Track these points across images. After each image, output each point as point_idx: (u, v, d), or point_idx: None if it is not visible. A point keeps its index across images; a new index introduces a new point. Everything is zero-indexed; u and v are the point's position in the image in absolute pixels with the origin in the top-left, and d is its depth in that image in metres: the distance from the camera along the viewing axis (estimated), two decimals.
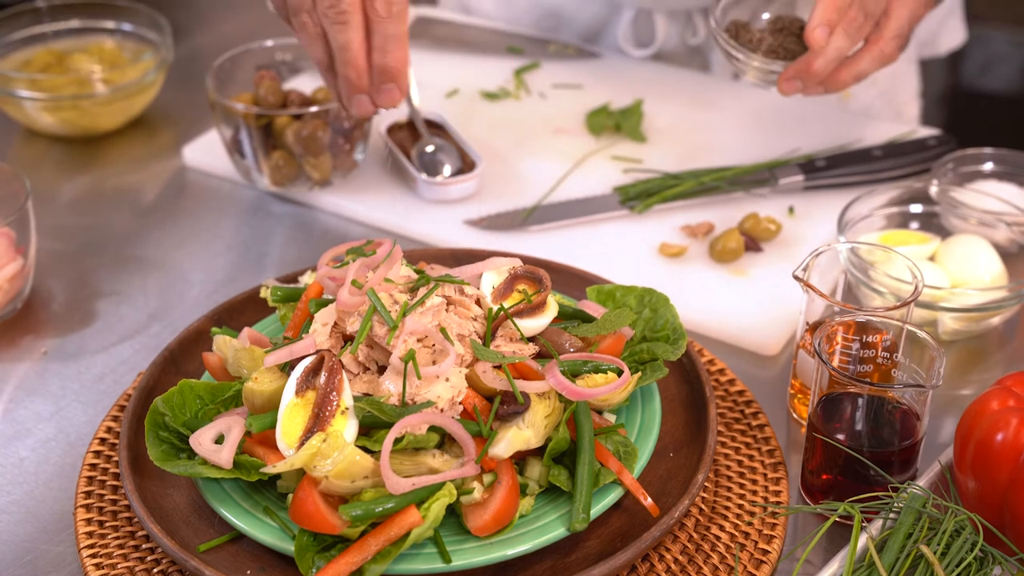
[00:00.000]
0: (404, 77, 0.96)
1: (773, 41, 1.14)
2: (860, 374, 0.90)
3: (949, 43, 1.58)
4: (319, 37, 0.95)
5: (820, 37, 1.07)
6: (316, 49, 0.96)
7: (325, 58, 0.96)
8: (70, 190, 1.28)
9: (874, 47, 1.10)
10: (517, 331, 0.88)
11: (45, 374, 1.03)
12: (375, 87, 0.96)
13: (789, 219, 1.19)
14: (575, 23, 1.53)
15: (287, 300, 0.96)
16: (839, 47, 1.09)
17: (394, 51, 0.95)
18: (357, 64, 0.95)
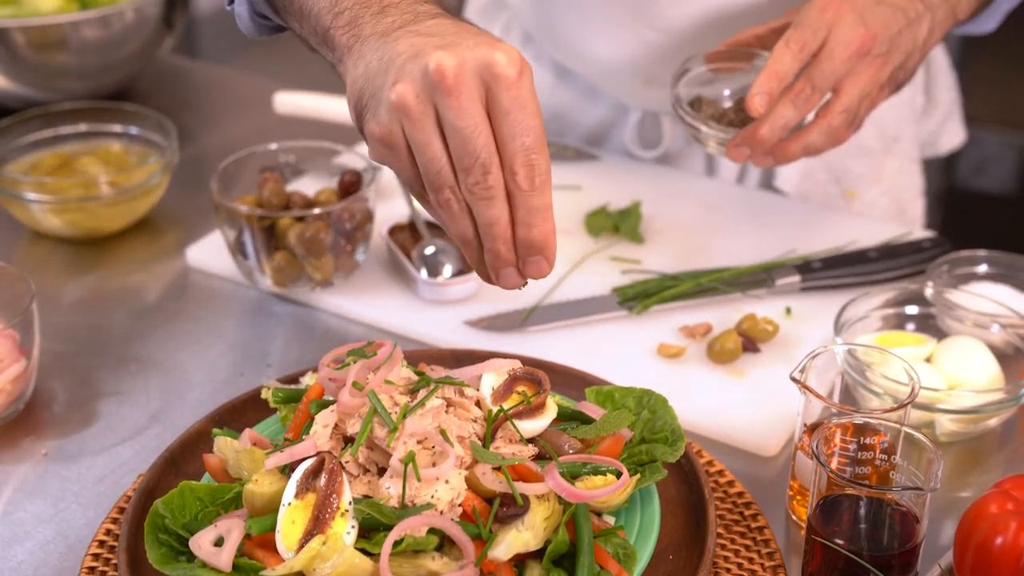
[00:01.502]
0: (551, 248, 0.89)
1: (735, 117, 1.17)
2: (858, 476, 0.90)
3: (949, 144, 1.61)
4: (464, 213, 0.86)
5: (759, 104, 1.09)
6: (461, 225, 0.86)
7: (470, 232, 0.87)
8: (74, 291, 1.29)
9: (822, 120, 1.12)
10: (516, 433, 0.89)
11: (45, 475, 1.03)
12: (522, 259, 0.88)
13: (786, 320, 1.20)
14: (580, 125, 1.55)
15: (288, 401, 0.96)
16: (785, 115, 1.10)
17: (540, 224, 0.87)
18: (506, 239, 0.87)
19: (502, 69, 0.81)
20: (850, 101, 1.12)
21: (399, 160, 0.86)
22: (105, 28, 1.53)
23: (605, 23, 1.39)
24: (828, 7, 1.11)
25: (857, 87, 1.12)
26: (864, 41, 1.11)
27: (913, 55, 1.17)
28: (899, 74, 1.17)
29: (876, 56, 1.13)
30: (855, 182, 1.49)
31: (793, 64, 1.10)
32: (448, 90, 0.81)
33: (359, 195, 1.22)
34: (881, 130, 1.49)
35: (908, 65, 1.17)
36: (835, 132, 1.13)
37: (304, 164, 1.41)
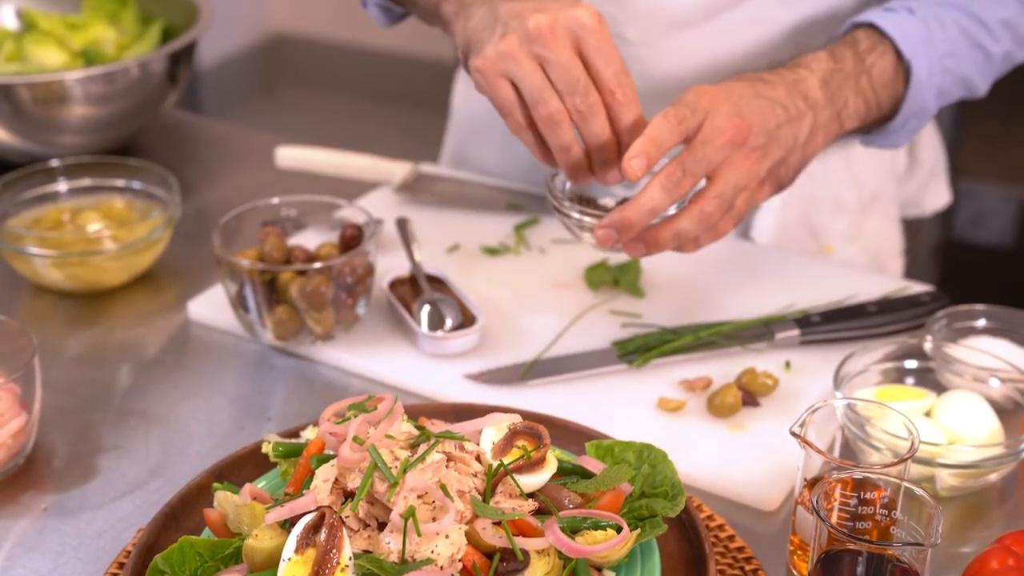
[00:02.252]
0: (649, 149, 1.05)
1: None
2: (859, 531, 0.90)
3: (933, 204, 1.62)
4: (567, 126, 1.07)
5: (636, 167, 1.05)
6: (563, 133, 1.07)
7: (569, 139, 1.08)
8: (75, 345, 1.29)
9: (695, 206, 1.09)
10: (517, 487, 0.89)
11: (45, 530, 1.03)
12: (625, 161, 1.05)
13: (786, 374, 1.20)
14: None
15: (288, 455, 0.96)
16: (653, 198, 1.06)
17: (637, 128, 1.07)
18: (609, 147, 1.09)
19: (586, 20, 1.05)
20: (724, 188, 1.09)
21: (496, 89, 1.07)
22: (110, 84, 1.54)
23: None
24: (705, 94, 1.09)
25: (732, 176, 1.09)
26: (739, 131, 1.08)
27: (794, 153, 1.14)
28: (780, 171, 1.14)
29: (753, 148, 1.10)
30: (833, 239, 1.50)
31: (671, 135, 1.06)
32: (547, 41, 1.04)
33: (360, 249, 1.23)
34: (859, 189, 1.50)
35: (790, 163, 1.14)
36: (708, 219, 1.09)
37: (305, 218, 1.41)
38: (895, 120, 1.22)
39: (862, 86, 1.18)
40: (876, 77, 1.19)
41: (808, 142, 1.14)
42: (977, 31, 1.24)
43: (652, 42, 1.36)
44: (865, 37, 1.20)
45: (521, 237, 1.44)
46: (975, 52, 1.24)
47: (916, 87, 1.20)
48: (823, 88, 1.15)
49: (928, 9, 1.22)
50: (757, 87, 1.12)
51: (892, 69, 1.20)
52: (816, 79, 1.15)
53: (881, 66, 1.19)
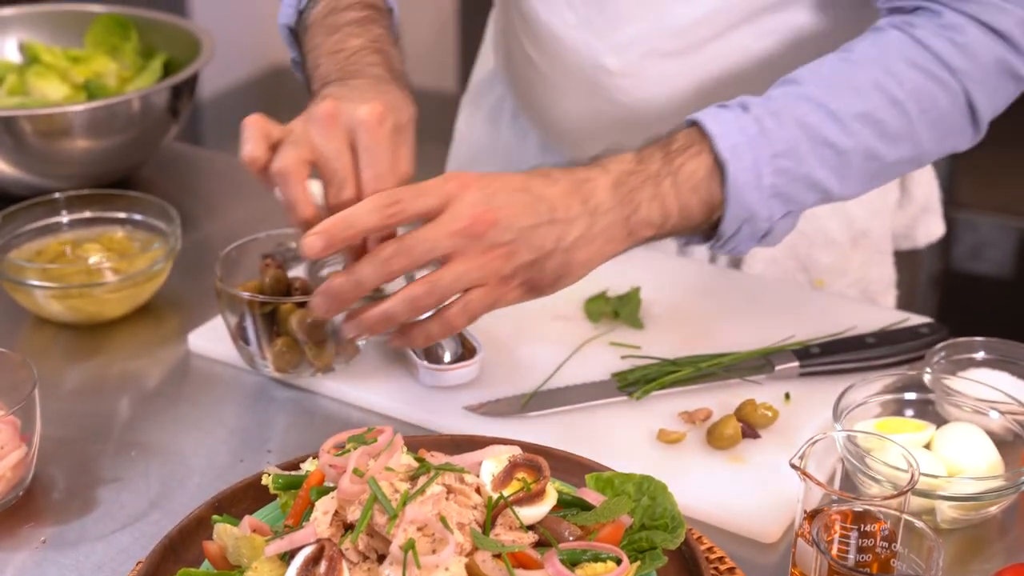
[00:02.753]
0: None
1: None
2: (860, 563, 0.90)
3: (927, 237, 1.62)
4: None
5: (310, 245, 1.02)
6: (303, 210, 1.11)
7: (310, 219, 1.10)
8: (75, 377, 1.29)
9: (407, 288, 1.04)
10: (516, 519, 0.88)
11: (43, 563, 1.03)
12: None
13: (785, 405, 1.20)
14: None
15: (288, 487, 0.96)
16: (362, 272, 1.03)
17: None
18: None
19: (363, 116, 1.06)
20: (442, 277, 1.02)
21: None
22: (111, 117, 1.55)
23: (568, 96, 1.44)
24: (453, 179, 1.03)
25: (461, 266, 1.02)
26: (478, 221, 1.01)
27: (552, 257, 1.05)
28: (533, 274, 1.05)
29: (494, 243, 1.02)
30: (822, 272, 1.51)
31: (370, 217, 1.01)
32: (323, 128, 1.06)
33: None
34: (849, 223, 1.50)
35: (546, 267, 1.05)
36: (415, 303, 1.03)
37: None
38: (723, 225, 1.11)
39: (662, 190, 1.07)
40: (683, 180, 1.08)
41: (576, 248, 1.05)
42: (827, 127, 1.11)
43: (632, 72, 1.37)
44: (684, 136, 1.11)
45: None
46: (822, 150, 1.11)
47: (735, 190, 1.08)
48: (613, 190, 1.06)
49: (768, 104, 1.11)
50: (530, 182, 1.05)
51: (705, 170, 1.08)
52: (608, 180, 1.07)
53: (691, 168, 1.08)
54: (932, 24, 1.15)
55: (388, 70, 1.19)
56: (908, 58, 1.14)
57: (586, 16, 1.37)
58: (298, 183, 1.07)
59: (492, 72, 1.67)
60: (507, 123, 1.63)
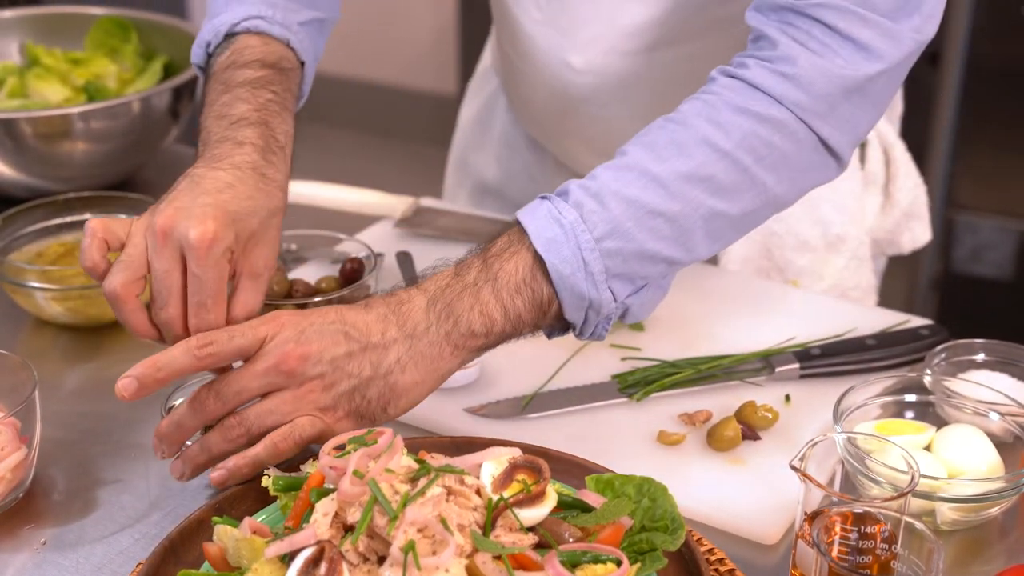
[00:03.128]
0: None
1: None
2: (860, 565, 0.90)
3: (911, 243, 1.62)
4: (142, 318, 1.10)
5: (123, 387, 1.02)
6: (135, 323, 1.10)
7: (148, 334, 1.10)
8: (75, 378, 1.29)
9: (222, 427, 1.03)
10: (517, 521, 0.88)
11: (44, 564, 1.03)
12: None
13: (786, 407, 1.20)
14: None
15: (288, 489, 0.96)
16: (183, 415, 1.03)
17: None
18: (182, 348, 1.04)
19: (192, 238, 1.03)
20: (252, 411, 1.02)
21: None
22: (112, 119, 1.55)
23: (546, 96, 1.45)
24: (268, 320, 1.03)
25: (272, 402, 1.01)
26: (287, 358, 1.00)
27: (372, 384, 1.03)
28: (357, 401, 1.03)
29: (309, 377, 1.01)
30: (797, 274, 1.51)
31: (183, 360, 1.01)
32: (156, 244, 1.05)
33: (361, 283, 1.23)
34: (823, 228, 1.50)
35: (368, 394, 1.03)
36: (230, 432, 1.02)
37: (306, 252, 1.42)
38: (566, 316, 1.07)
39: (482, 298, 1.04)
40: (503, 284, 1.04)
41: (397, 371, 1.03)
42: (651, 195, 1.05)
43: (594, 70, 1.38)
44: (504, 239, 1.07)
45: None
46: (651, 221, 1.05)
47: (561, 282, 1.04)
48: (428, 309, 1.04)
49: (590, 185, 1.06)
50: (345, 313, 1.04)
51: (527, 268, 1.05)
52: (423, 299, 1.05)
53: (509, 270, 1.05)
54: (762, 60, 1.08)
55: (262, 149, 1.14)
56: (736, 105, 1.06)
57: (550, 14, 1.39)
58: (126, 304, 1.06)
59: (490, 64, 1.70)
60: (501, 115, 1.66)
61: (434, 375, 1.05)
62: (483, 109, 1.70)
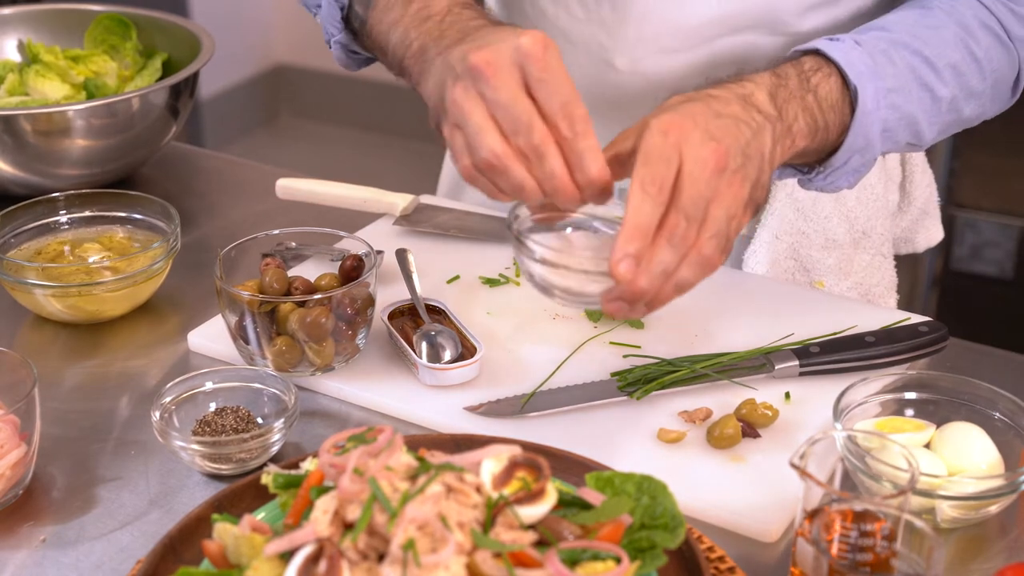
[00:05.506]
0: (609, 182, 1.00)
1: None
2: (860, 563, 0.90)
3: (926, 241, 1.62)
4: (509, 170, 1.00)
5: (625, 272, 0.96)
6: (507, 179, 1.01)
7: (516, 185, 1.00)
8: (74, 375, 1.29)
9: (693, 252, 0.99)
10: (516, 519, 0.88)
11: (43, 562, 1.03)
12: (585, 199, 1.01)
13: (786, 405, 1.20)
14: None
15: (288, 487, 0.96)
16: (663, 260, 0.97)
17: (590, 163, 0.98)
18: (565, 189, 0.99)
19: (528, 48, 0.97)
20: (718, 226, 0.99)
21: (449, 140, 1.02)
22: (111, 116, 1.55)
23: None
24: (670, 129, 0.99)
25: (722, 209, 1.00)
26: (719, 156, 0.99)
27: (764, 169, 1.05)
28: (757, 191, 1.04)
29: (733, 172, 1.01)
30: (823, 273, 1.50)
31: (655, 211, 0.97)
32: (488, 78, 0.97)
33: (360, 280, 1.23)
34: (850, 224, 1.50)
35: (762, 180, 1.05)
36: (707, 261, 1.00)
37: (306, 249, 1.42)
38: (838, 154, 1.15)
39: (808, 104, 1.11)
40: (823, 97, 1.12)
41: (771, 156, 1.06)
42: (926, 72, 1.17)
43: (639, 69, 1.37)
44: (810, 60, 1.15)
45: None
46: (923, 93, 1.18)
47: (862, 116, 1.13)
48: (771, 101, 1.08)
49: (875, 44, 1.17)
50: (712, 105, 1.04)
51: (838, 92, 1.13)
52: (763, 93, 1.08)
53: (827, 87, 1.13)
54: None
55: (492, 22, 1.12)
56: (980, 19, 1.17)
57: (596, 12, 1.37)
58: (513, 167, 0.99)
59: None
60: None
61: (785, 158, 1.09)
62: None
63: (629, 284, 0.97)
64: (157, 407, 1.14)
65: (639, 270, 0.97)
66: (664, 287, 0.99)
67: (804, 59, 1.15)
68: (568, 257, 1.02)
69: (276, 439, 1.13)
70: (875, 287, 1.54)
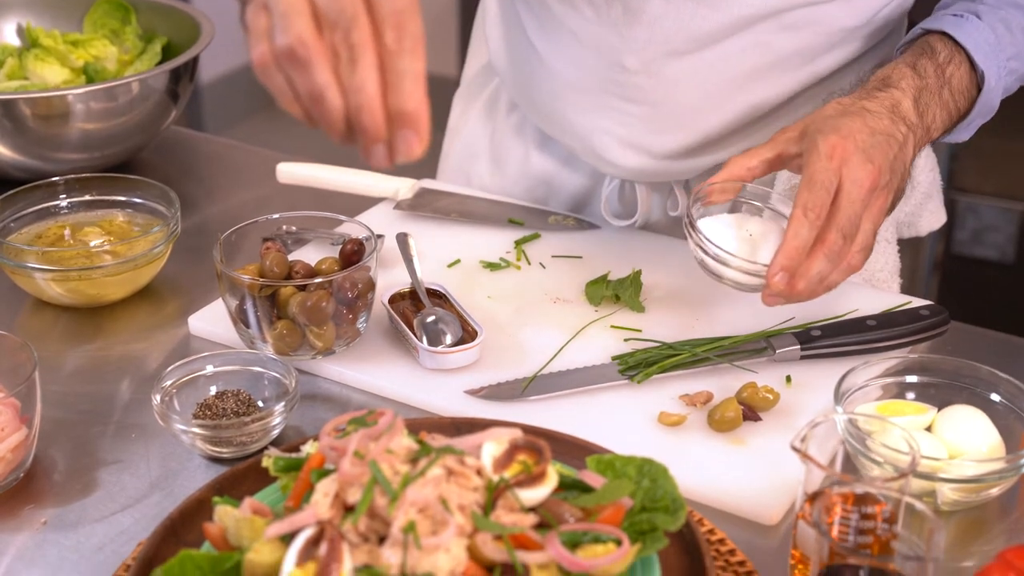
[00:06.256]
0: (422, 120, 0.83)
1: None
2: (860, 545, 0.90)
3: (929, 225, 1.61)
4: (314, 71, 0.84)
5: (778, 283, 1.12)
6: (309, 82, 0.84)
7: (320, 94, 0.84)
8: (75, 359, 1.29)
9: (843, 263, 1.14)
10: (517, 502, 0.88)
11: (44, 544, 1.03)
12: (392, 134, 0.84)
13: (787, 388, 1.20)
14: (564, 191, 1.56)
15: (289, 469, 0.96)
16: (819, 270, 1.12)
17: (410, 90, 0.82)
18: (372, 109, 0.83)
19: None
20: (867, 239, 1.14)
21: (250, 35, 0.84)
22: (111, 100, 1.54)
23: (578, 93, 1.41)
24: (834, 153, 1.12)
25: (871, 223, 1.14)
26: (874, 178, 1.12)
27: (905, 177, 1.19)
28: (896, 199, 1.19)
29: (882, 188, 1.14)
30: None
31: (812, 234, 1.11)
32: None
33: (361, 264, 1.23)
34: None
35: (902, 187, 1.20)
36: (854, 268, 1.15)
37: (306, 233, 1.42)
38: (961, 125, 1.28)
39: (944, 99, 1.23)
40: (955, 88, 1.24)
41: (911, 162, 1.19)
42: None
43: (651, 70, 1.36)
44: (942, 47, 1.25)
45: (522, 252, 1.44)
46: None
47: (987, 92, 1.25)
48: (915, 108, 1.19)
49: (993, 13, 1.26)
50: (867, 121, 1.15)
51: (967, 78, 1.25)
52: (909, 100, 1.19)
53: (959, 76, 1.24)
54: None
55: None
56: None
57: (607, 13, 1.35)
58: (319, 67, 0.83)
59: (486, 66, 1.66)
60: (503, 116, 1.61)
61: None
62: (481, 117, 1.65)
63: (785, 289, 1.13)
64: (158, 390, 1.14)
65: (797, 277, 1.12)
66: (817, 289, 1.14)
67: (936, 46, 1.24)
68: (733, 257, 1.18)
69: (277, 422, 1.12)
70: (879, 272, 1.54)
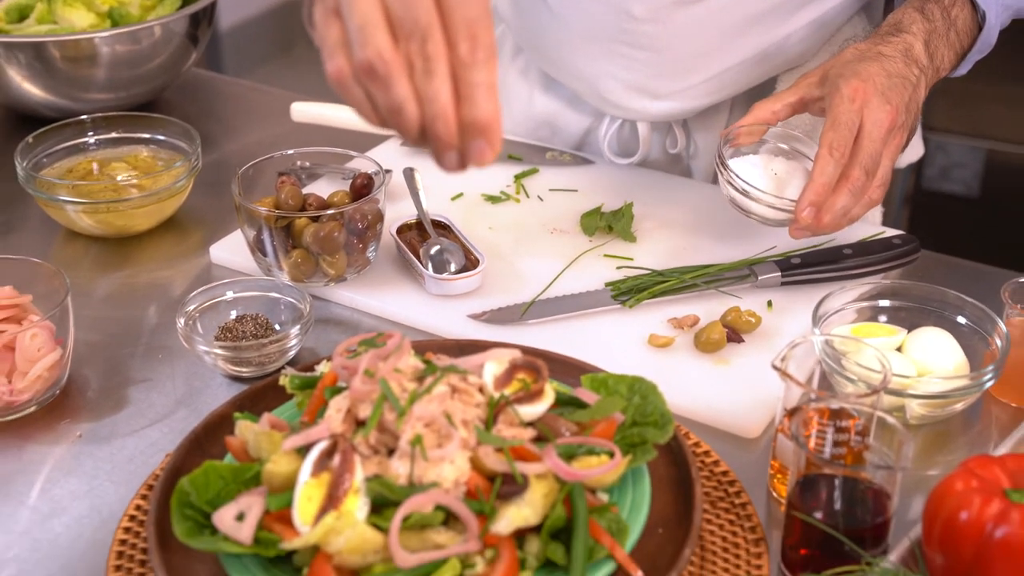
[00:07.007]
0: (495, 131, 0.78)
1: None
2: (835, 456, 0.90)
3: (909, 157, 1.60)
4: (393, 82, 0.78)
5: (807, 217, 1.13)
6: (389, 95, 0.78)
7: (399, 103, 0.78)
8: (105, 286, 1.28)
9: (865, 197, 1.15)
10: (517, 417, 0.88)
11: (80, 456, 1.03)
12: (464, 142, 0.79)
13: (768, 312, 1.19)
14: (566, 132, 1.55)
15: (304, 388, 0.96)
16: (844, 205, 1.13)
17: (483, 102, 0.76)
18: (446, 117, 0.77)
19: None
20: (886, 175, 1.15)
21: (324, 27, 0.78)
22: (135, 44, 1.53)
23: (586, 40, 1.38)
24: (856, 96, 1.13)
25: (889, 159, 1.15)
26: (892, 118, 1.13)
27: (918, 116, 1.19)
28: (910, 137, 1.19)
29: (899, 127, 1.15)
30: None
31: (837, 171, 1.12)
32: None
33: (370, 197, 1.22)
34: None
35: (915, 126, 1.19)
36: (874, 202, 1.16)
37: (319, 168, 1.40)
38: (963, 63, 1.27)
39: (951, 39, 1.23)
40: (960, 28, 1.23)
41: (923, 101, 1.19)
42: None
43: (659, 18, 1.32)
44: None
45: (521, 186, 1.43)
46: None
47: (987, 31, 1.24)
48: (926, 50, 1.19)
49: None
50: (884, 65, 1.15)
51: (970, 18, 1.24)
52: (920, 44, 1.19)
53: (963, 17, 1.23)
54: None
55: None
56: None
57: None
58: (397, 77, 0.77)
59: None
60: (508, 60, 1.58)
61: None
62: None
63: (813, 223, 1.14)
64: (182, 315, 1.13)
65: (823, 211, 1.13)
66: (840, 221, 1.15)
67: None
68: (763, 193, 1.18)
69: (292, 344, 1.12)
70: None
